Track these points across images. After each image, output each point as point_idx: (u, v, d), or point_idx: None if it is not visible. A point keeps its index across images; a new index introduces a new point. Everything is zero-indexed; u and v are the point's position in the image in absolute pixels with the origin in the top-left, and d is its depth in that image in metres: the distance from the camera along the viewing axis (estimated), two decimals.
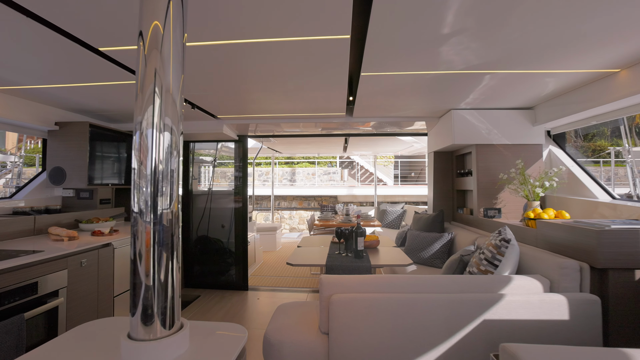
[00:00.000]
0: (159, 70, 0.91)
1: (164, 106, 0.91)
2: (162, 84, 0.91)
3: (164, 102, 0.91)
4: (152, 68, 0.90)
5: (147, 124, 0.89)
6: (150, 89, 0.90)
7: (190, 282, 4.43)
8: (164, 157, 0.90)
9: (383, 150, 7.49)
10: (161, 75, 0.91)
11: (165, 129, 0.91)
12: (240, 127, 3.98)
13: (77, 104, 3.09)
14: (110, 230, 2.67)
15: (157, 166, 0.89)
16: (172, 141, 0.92)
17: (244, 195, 4.39)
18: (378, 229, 6.34)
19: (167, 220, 0.90)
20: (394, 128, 4.26)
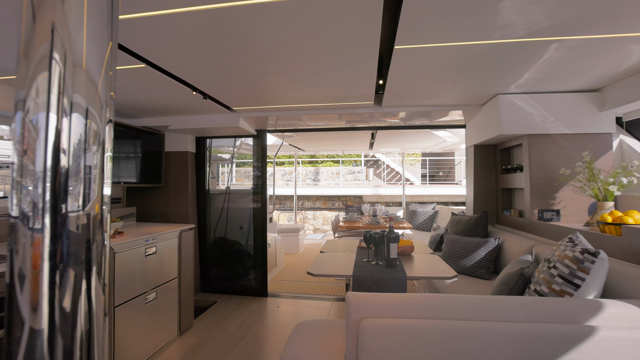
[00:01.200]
0: (59, 26, 0.57)
1: (69, 78, 0.58)
2: (64, 46, 0.57)
3: (71, 72, 0.58)
4: (48, 21, 0.57)
5: (38, 101, 0.56)
6: (43, 52, 0.57)
7: (207, 286, 4.18)
8: (71, 148, 0.57)
9: (412, 147, 7.01)
10: (61, 32, 0.57)
11: (74, 110, 0.58)
12: (258, 120, 3.69)
13: None
14: (114, 232, 2.44)
15: (57, 160, 0.56)
16: (88, 128, 0.60)
17: (263, 195, 4.10)
18: (408, 231, 5.88)
19: (78, 225, 0.58)
20: (424, 120, 3.82)
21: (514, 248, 2.59)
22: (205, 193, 4.24)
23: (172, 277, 2.85)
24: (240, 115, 3.50)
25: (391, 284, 2.03)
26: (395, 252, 2.24)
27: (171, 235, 2.84)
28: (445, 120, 3.77)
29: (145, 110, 3.34)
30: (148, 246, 2.55)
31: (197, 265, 4.14)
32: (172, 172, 4.02)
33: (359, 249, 2.90)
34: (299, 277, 4.79)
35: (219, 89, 2.65)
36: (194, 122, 3.60)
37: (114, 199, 3.21)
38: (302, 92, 2.74)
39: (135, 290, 2.41)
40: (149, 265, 2.56)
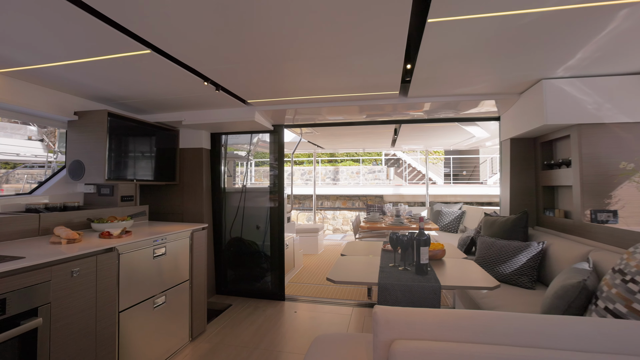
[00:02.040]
0: None
1: None
2: None
3: None
4: None
5: None
6: None
7: (221, 288, 4.03)
8: None
9: (437, 144, 6.65)
10: None
11: None
12: (275, 115, 3.49)
13: (97, 90, 2.78)
14: (122, 231, 2.29)
15: None
16: None
17: (280, 194, 3.91)
18: (433, 232, 5.55)
19: None
20: (452, 112, 3.51)
21: (563, 254, 2.27)
22: (221, 191, 4.08)
23: (184, 280, 2.69)
24: (256, 108, 3.31)
25: (423, 294, 1.77)
26: (426, 256, 1.98)
27: (182, 235, 2.68)
28: (475, 112, 3.45)
29: (158, 104, 3.21)
30: (157, 247, 2.39)
31: (212, 267, 3.99)
32: (186, 169, 3.88)
33: (383, 253, 2.65)
34: (317, 280, 4.57)
35: (232, 78, 2.46)
36: (208, 117, 3.45)
37: (126, 196, 3.09)
38: (321, 80, 2.51)
39: (143, 294, 2.25)
40: (158, 267, 2.40)
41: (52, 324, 1.60)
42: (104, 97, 2.97)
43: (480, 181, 15.43)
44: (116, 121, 2.93)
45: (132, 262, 2.16)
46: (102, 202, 3.05)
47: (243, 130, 3.93)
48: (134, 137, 3.17)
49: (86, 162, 2.86)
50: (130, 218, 2.73)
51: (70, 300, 1.70)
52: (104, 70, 2.29)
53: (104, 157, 2.80)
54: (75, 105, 2.93)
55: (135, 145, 3.19)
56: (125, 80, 2.52)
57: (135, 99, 3.02)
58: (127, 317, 2.10)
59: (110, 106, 3.22)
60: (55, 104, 2.77)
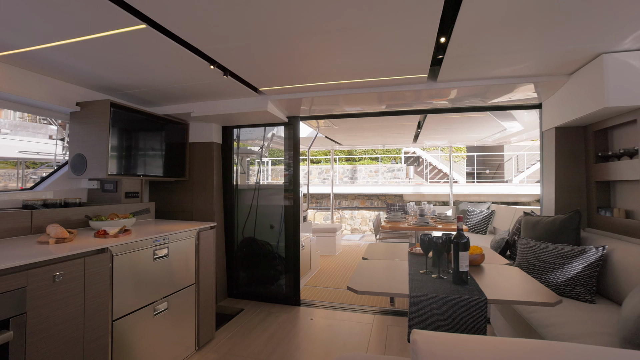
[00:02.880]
0: None
1: None
2: None
3: None
4: None
5: None
6: None
7: (233, 291, 3.80)
8: None
9: (461, 139, 6.21)
10: None
11: None
12: (289, 105, 3.22)
13: (99, 79, 2.59)
14: (120, 230, 2.07)
15: None
16: None
17: (295, 191, 3.64)
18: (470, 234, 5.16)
19: None
20: (481, 100, 3.15)
21: (630, 261, 1.89)
22: (233, 188, 3.85)
23: (189, 284, 2.45)
24: (269, 98, 3.05)
25: (465, 309, 1.45)
26: (466, 263, 1.65)
27: (187, 235, 2.45)
28: (511, 100, 3.07)
29: (165, 95, 3.00)
30: (158, 247, 2.16)
31: (223, 268, 3.76)
32: (196, 165, 3.67)
33: (411, 256, 2.33)
34: (335, 283, 4.28)
35: (241, 60, 2.20)
36: (217, 108, 3.21)
37: (131, 193, 2.89)
38: (339, 61, 2.22)
39: (142, 300, 2.02)
40: (159, 270, 2.17)
41: (27, 338, 1.37)
42: (107, 86, 2.78)
43: (505, 180, 14.82)
44: (120, 112, 2.74)
45: (129, 265, 1.94)
46: (105, 199, 2.86)
47: (255, 123, 3.68)
48: (140, 130, 2.97)
49: (88, 156, 2.68)
50: (133, 216, 2.53)
51: (51, 310, 1.48)
52: (100, 53, 2.07)
53: (106, 151, 2.60)
54: (78, 96, 2.75)
55: (142, 138, 3.00)
56: (124, 65, 2.30)
57: (140, 88, 2.82)
58: (122, 326, 1.87)
59: (115, 97, 3.04)
60: (56, 94, 2.60)
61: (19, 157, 8.27)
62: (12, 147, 7.98)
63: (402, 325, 2.99)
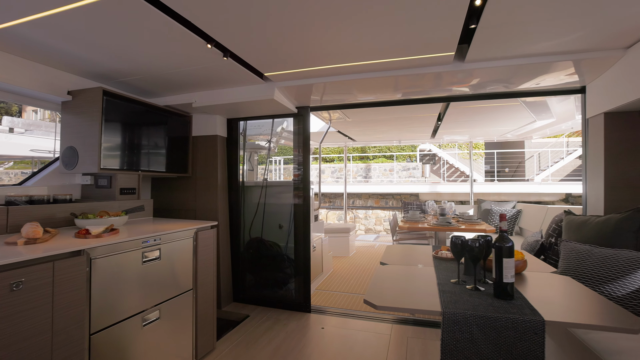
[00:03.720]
0: None
1: None
2: None
3: None
4: None
5: None
6: None
7: (239, 295, 3.54)
8: None
9: (483, 133, 5.78)
10: None
11: None
12: (299, 93, 2.94)
13: (90, 64, 2.37)
14: (105, 229, 1.83)
15: None
16: None
17: (306, 188, 3.35)
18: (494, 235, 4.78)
19: None
20: (505, 85, 2.80)
21: None
22: (239, 185, 3.60)
23: (185, 289, 2.20)
24: (276, 85, 2.78)
25: (517, 334, 1.13)
26: (511, 272, 1.33)
27: (183, 235, 2.20)
28: (543, 86, 2.70)
29: (164, 83, 2.76)
30: (148, 249, 1.91)
31: (229, 271, 3.51)
32: (199, 160, 3.44)
33: (437, 262, 2.01)
34: (349, 287, 3.98)
35: (242, 37, 1.93)
36: (220, 97, 2.96)
37: (127, 189, 2.67)
38: (353, 38, 1.92)
39: (128, 309, 1.78)
40: (150, 275, 1.92)
41: None
42: (100, 73, 2.55)
43: (526, 178, 14.25)
44: (115, 102, 2.51)
45: (112, 269, 1.69)
46: (99, 195, 2.64)
47: (262, 115, 3.42)
48: (137, 122, 2.74)
49: (80, 149, 2.47)
50: (125, 213, 2.29)
51: (7, 325, 1.23)
52: (85, 32, 1.84)
53: (98, 142, 2.38)
54: (69, 84, 2.54)
55: (140, 130, 2.77)
56: (114, 47, 2.06)
57: (136, 75, 2.59)
58: (102, 341, 1.63)
59: (111, 86, 2.81)
60: (45, 81, 2.39)
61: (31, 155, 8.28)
62: (24, 146, 8.00)
63: (424, 337, 2.67)
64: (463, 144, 16.51)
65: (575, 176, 13.34)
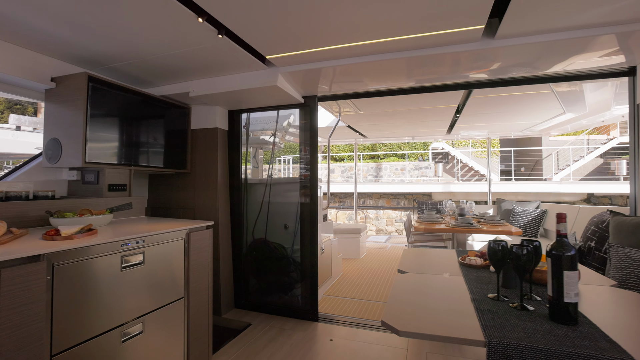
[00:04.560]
0: None
1: None
2: None
3: None
4: None
5: None
6: None
7: (241, 301, 3.28)
8: None
9: (504, 127, 5.39)
10: None
11: None
12: (305, 79, 2.66)
13: (77, 47, 2.15)
14: (81, 229, 1.59)
15: None
16: None
17: (313, 186, 3.08)
18: (505, 236, 4.43)
19: None
20: (533, 68, 2.48)
21: None
22: (241, 182, 3.34)
23: (175, 298, 1.95)
24: (279, 70, 2.51)
25: None
26: (575, 290, 1.03)
27: (172, 237, 1.94)
28: (583, 69, 2.37)
29: (157, 69, 2.52)
30: (129, 252, 1.66)
31: (230, 275, 3.25)
32: (199, 154, 3.19)
33: (466, 270, 1.70)
34: (360, 293, 3.69)
35: (237, 11, 1.66)
36: (219, 86, 2.71)
37: (116, 185, 2.43)
38: (366, 7, 1.63)
39: (103, 323, 1.53)
40: (131, 282, 1.67)
41: None
42: (86, 57, 2.32)
43: (543, 178, 13.76)
44: (102, 90, 2.28)
45: (82, 277, 1.44)
46: (86, 192, 2.42)
47: (266, 106, 3.15)
48: (129, 112, 2.51)
49: (63, 141, 2.24)
50: (110, 212, 2.05)
51: None
52: (63, 5, 1.60)
53: (83, 133, 2.15)
54: (53, 70, 2.32)
55: (132, 122, 2.53)
56: (98, 25, 1.82)
57: (125, 59, 2.35)
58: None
59: (100, 73, 2.58)
60: (26, 66, 2.17)
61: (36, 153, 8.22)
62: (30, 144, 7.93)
63: (445, 353, 2.36)
64: (477, 142, 16.02)
65: (597, 175, 12.78)
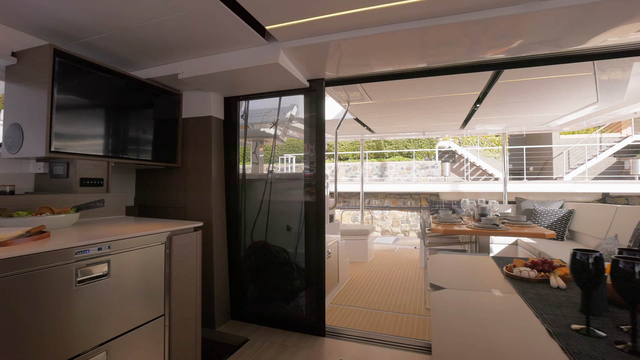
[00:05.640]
0: None
1: None
2: None
3: None
4: None
5: None
6: None
7: (238, 311, 2.92)
8: None
9: (523, 121, 4.98)
10: None
11: None
12: (311, 58, 2.29)
13: (41, 13, 1.80)
14: (25, 233, 1.24)
15: None
16: None
17: (319, 182, 2.71)
18: (527, 239, 4.03)
19: None
20: (569, 42, 2.11)
21: None
22: (238, 179, 2.98)
23: (152, 317, 1.59)
24: (281, 46, 2.15)
25: None
26: None
27: (149, 241, 1.58)
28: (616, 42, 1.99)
29: (139, 44, 2.17)
30: (87, 262, 1.30)
31: (226, 282, 2.89)
32: (191, 146, 2.84)
33: (519, 286, 1.33)
34: (370, 301, 3.31)
35: None
36: (212, 65, 2.35)
37: (90, 179, 2.08)
38: None
39: (46, 355, 1.17)
40: (90, 300, 1.31)
41: None
42: (53, 28, 1.97)
43: (553, 177, 13.39)
44: (72, 66, 1.93)
45: (20, 295, 1.08)
46: (54, 187, 2.07)
47: (266, 91, 2.79)
48: (107, 96, 2.16)
49: (25, 126, 1.89)
50: (76, 210, 1.69)
51: None
52: None
53: (47, 116, 1.80)
54: (15, 43, 1.97)
55: (110, 107, 2.19)
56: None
57: (100, 30, 1.99)
58: None
59: (76, 50, 2.23)
60: None
61: None
62: None
63: None
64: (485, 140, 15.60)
65: (611, 174, 12.37)
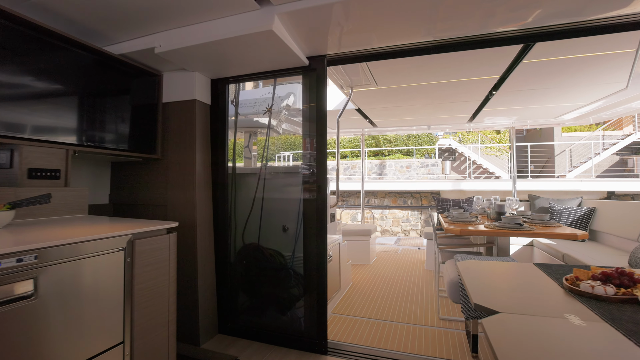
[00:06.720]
0: None
1: None
2: None
3: None
4: None
5: None
6: None
7: (227, 324, 2.55)
8: None
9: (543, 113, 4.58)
10: None
11: None
12: (311, 27, 1.93)
13: None
14: None
15: None
16: None
17: (321, 177, 2.34)
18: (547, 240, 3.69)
19: None
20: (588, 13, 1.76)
21: None
22: (227, 173, 2.61)
23: (105, 347, 1.22)
24: (276, 10, 1.78)
25: None
26: None
27: (100, 247, 1.21)
28: None
29: (108, 9, 1.79)
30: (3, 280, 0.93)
31: (212, 291, 2.52)
32: (172, 135, 2.47)
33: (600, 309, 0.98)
34: (375, 310, 2.95)
35: None
36: (195, 36, 1.98)
37: (43, 171, 1.71)
38: None
39: None
40: (10, 331, 0.94)
41: None
42: None
43: (555, 175, 13.20)
44: (17, 31, 1.56)
45: None
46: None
47: (259, 71, 2.42)
48: (68, 72, 1.79)
49: None
50: (11, 208, 1.32)
51: None
52: None
53: None
54: None
55: (70, 86, 1.81)
56: None
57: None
58: None
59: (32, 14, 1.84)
60: None
61: None
62: None
63: None
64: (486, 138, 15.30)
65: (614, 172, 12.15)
